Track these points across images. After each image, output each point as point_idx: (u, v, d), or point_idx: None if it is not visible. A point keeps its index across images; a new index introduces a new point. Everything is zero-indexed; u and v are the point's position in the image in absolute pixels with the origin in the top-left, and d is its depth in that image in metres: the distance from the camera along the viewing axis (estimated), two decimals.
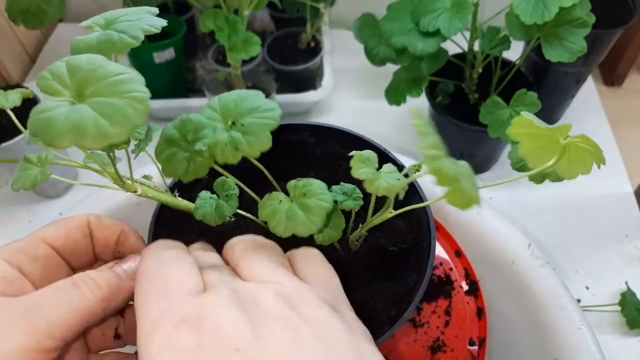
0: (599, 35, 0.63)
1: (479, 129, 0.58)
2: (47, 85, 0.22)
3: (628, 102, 0.86)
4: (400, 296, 0.35)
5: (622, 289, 0.59)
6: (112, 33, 0.26)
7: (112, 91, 0.22)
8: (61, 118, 0.21)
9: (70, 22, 0.94)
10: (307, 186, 0.30)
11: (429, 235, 0.35)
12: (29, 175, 0.30)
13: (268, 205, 0.30)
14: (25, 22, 0.58)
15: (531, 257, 0.50)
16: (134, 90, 0.22)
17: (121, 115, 0.21)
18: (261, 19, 0.92)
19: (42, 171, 0.30)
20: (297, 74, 0.79)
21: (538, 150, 0.27)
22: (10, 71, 0.81)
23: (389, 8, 0.59)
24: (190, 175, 0.29)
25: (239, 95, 0.30)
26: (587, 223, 0.68)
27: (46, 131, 0.20)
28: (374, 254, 0.37)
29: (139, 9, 0.28)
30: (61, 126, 0.20)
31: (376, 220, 0.32)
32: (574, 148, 0.27)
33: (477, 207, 0.23)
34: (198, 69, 0.87)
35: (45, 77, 0.23)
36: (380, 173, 0.29)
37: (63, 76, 0.22)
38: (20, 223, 0.68)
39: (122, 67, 0.23)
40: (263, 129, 0.28)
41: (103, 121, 0.21)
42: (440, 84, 0.66)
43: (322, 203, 0.29)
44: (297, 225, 0.29)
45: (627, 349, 0.57)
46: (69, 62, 0.23)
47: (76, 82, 0.22)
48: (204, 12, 0.57)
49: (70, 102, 0.22)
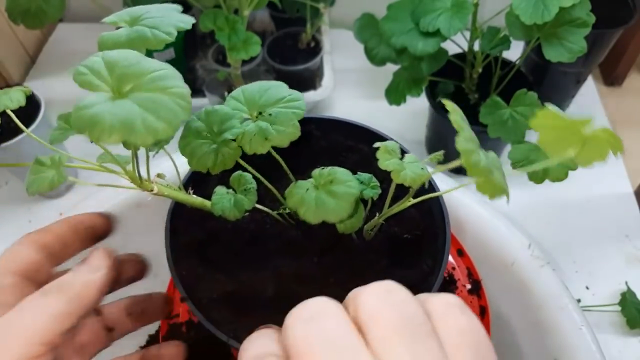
0: (599, 35, 0.63)
1: (479, 129, 0.58)
2: (85, 80, 0.22)
3: (628, 102, 0.86)
4: (418, 282, 0.35)
5: (622, 289, 0.59)
6: (144, 29, 0.26)
7: (153, 87, 0.22)
8: (107, 115, 0.20)
9: (70, 22, 0.94)
10: (333, 174, 0.30)
11: (442, 222, 0.36)
12: (44, 178, 0.29)
13: (295, 193, 0.30)
14: (25, 22, 0.58)
15: (531, 258, 0.50)
16: (175, 86, 0.22)
17: (168, 111, 0.21)
18: (261, 19, 0.92)
19: (58, 173, 0.29)
20: (297, 74, 0.79)
21: (559, 141, 0.28)
22: (10, 71, 0.81)
23: (389, 8, 0.59)
24: (219, 167, 0.29)
25: (262, 86, 0.31)
26: (587, 223, 0.68)
27: (93, 128, 0.20)
28: (388, 242, 0.37)
29: (163, 7, 0.28)
30: (109, 123, 0.20)
31: (395, 210, 0.32)
32: (595, 139, 0.27)
33: (504, 197, 0.24)
34: (198, 69, 0.86)
35: (83, 72, 0.22)
36: (405, 163, 0.29)
37: (102, 71, 0.22)
38: (20, 223, 0.68)
39: (159, 63, 0.23)
40: (291, 118, 0.29)
41: (150, 117, 0.20)
42: (440, 84, 0.66)
43: (350, 189, 0.29)
44: (328, 211, 0.29)
45: (627, 349, 0.57)
46: (105, 57, 0.23)
47: (115, 78, 0.22)
48: (204, 12, 0.57)
49: (110, 97, 0.21)
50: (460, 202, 0.55)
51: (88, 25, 0.92)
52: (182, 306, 0.49)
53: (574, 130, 0.27)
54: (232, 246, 0.37)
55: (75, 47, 0.90)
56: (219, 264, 0.36)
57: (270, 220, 0.37)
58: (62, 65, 0.87)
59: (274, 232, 0.38)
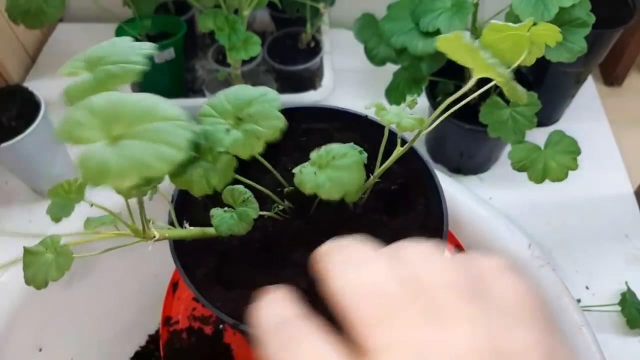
0: (599, 35, 0.63)
1: (479, 128, 0.58)
2: (75, 137, 0.21)
3: (628, 101, 0.86)
4: (421, 221, 0.38)
5: (622, 289, 0.59)
6: (108, 68, 0.25)
7: (145, 118, 0.21)
8: (114, 159, 0.20)
9: (70, 22, 0.94)
10: (331, 151, 0.31)
11: (422, 164, 0.40)
12: (44, 265, 0.28)
13: (307, 180, 0.30)
14: (25, 22, 0.58)
15: (531, 258, 0.50)
16: (164, 110, 0.22)
17: (171, 135, 0.21)
18: (261, 19, 0.92)
19: (60, 258, 0.28)
20: (297, 74, 0.79)
21: (511, 48, 0.33)
22: (10, 71, 0.81)
23: (389, 8, 0.59)
24: (222, 182, 0.29)
25: (227, 94, 0.31)
26: (587, 223, 0.68)
27: (106, 177, 0.20)
28: (380, 199, 0.40)
29: (119, 42, 0.27)
30: (119, 167, 0.20)
31: (387, 165, 0.35)
32: (537, 35, 0.33)
33: None
34: (198, 69, 0.87)
35: (69, 127, 0.22)
36: (397, 114, 0.32)
37: (86, 122, 0.22)
38: (20, 223, 0.68)
39: (140, 95, 0.22)
40: (271, 111, 0.29)
41: (158, 147, 0.20)
42: (440, 83, 0.66)
43: (354, 158, 0.30)
44: (345, 184, 0.30)
45: (627, 349, 0.57)
46: (88, 105, 0.22)
47: (104, 124, 0.22)
48: (204, 12, 0.57)
49: (106, 143, 0.21)
50: (460, 202, 0.55)
51: (88, 25, 0.92)
52: (182, 313, 0.49)
53: (519, 36, 0.32)
54: (248, 260, 0.37)
55: (75, 47, 0.89)
56: (246, 280, 0.35)
57: (270, 222, 0.37)
58: (62, 65, 0.87)
59: (278, 231, 0.38)
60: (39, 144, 0.60)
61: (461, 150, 0.68)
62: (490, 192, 0.70)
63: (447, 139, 0.69)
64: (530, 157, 0.54)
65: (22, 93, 0.61)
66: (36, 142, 0.60)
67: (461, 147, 0.68)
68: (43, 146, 0.61)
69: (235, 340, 0.47)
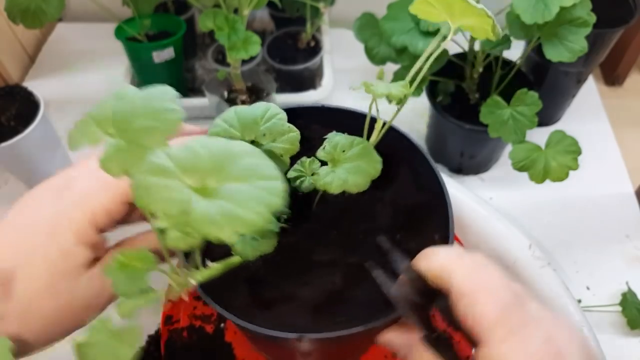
0: (599, 34, 0.63)
1: (480, 128, 0.58)
2: None
3: (628, 101, 0.86)
4: (414, 192, 0.39)
5: (622, 289, 0.59)
6: (142, 125, 0.24)
7: (242, 176, 0.22)
8: (212, 211, 0.21)
9: (70, 21, 0.94)
10: (337, 145, 0.31)
11: (407, 142, 0.42)
12: None
13: (329, 180, 0.31)
14: (25, 22, 0.58)
15: (532, 258, 0.50)
16: (260, 168, 0.23)
17: (265, 191, 0.22)
18: (261, 18, 0.92)
19: None
20: (297, 74, 0.79)
21: None
22: (10, 71, 0.81)
23: (389, 7, 0.58)
24: None
25: (238, 112, 0.31)
26: (587, 223, 0.68)
27: (209, 228, 0.21)
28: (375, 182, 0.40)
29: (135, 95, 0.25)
30: (217, 219, 0.21)
31: (381, 134, 0.35)
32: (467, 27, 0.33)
33: None
34: (198, 68, 0.86)
35: None
36: (386, 86, 0.32)
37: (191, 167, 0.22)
38: None
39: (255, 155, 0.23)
40: (282, 124, 0.31)
41: (252, 202, 0.21)
42: (441, 83, 0.66)
43: (364, 144, 0.31)
44: (367, 172, 0.30)
45: (627, 349, 0.57)
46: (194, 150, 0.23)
47: (202, 175, 0.22)
48: (204, 11, 0.57)
49: (196, 191, 0.22)
50: (460, 202, 0.55)
51: (87, 25, 0.92)
52: (183, 311, 0.49)
53: None
54: (275, 276, 0.36)
55: (75, 46, 0.90)
56: (283, 296, 0.35)
57: (281, 234, 0.37)
58: (61, 65, 0.87)
59: (293, 239, 0.37)
60: (38, 143, 0.60)
61: (462, 150, 0.68)
62: (490, 192, 0.70)
63: (448, 139, 0.69)
64: (530, 157, 0.54)
65: (21, 93, 0.61)
66: (35, 141, 0.59)
67: (462, 147, 0.68)
68: (42, 146, 0.61)
69: (236, 339, 0.47)
